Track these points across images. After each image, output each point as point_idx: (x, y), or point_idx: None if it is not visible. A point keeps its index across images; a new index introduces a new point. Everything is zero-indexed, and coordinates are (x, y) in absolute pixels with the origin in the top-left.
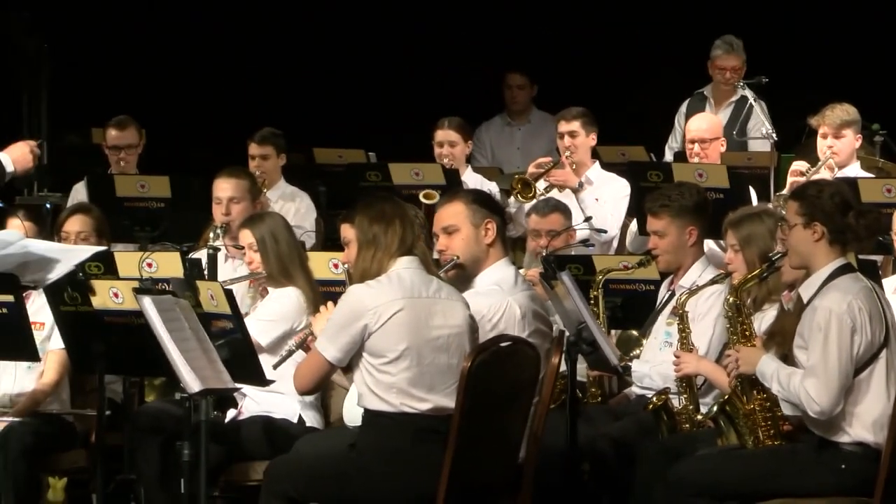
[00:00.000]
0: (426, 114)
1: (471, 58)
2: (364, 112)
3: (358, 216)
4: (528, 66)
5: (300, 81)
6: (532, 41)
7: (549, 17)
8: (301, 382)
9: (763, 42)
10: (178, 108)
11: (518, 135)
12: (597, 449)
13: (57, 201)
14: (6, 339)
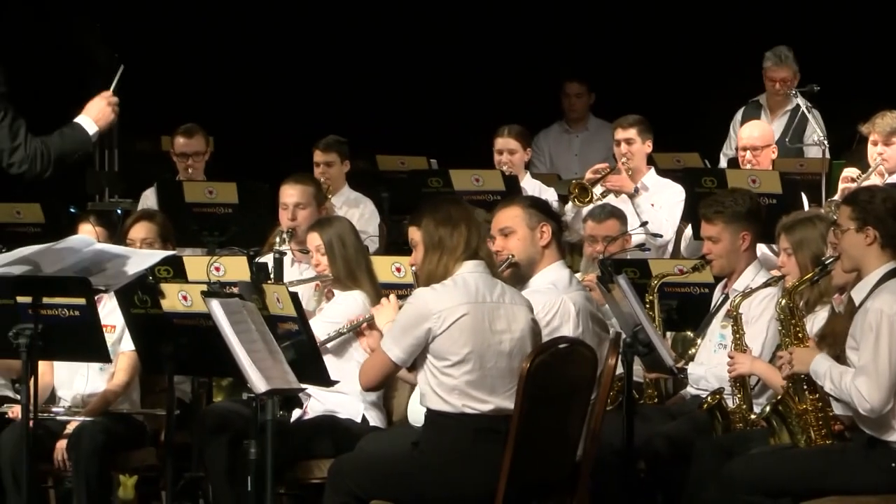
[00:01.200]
0: (487, 121)
1: (530, 66)
2: (426, 120)
3: (424, 219)
4: (585, 75)
5: (364, 90)
6: (590, 50)
7: (608, 26)
8: (366, 379)
9: (816, 51)
10: (245, 116)
11: (576, 142)
12: (652, 448)
13: (127, 207)
14: (79, 341)
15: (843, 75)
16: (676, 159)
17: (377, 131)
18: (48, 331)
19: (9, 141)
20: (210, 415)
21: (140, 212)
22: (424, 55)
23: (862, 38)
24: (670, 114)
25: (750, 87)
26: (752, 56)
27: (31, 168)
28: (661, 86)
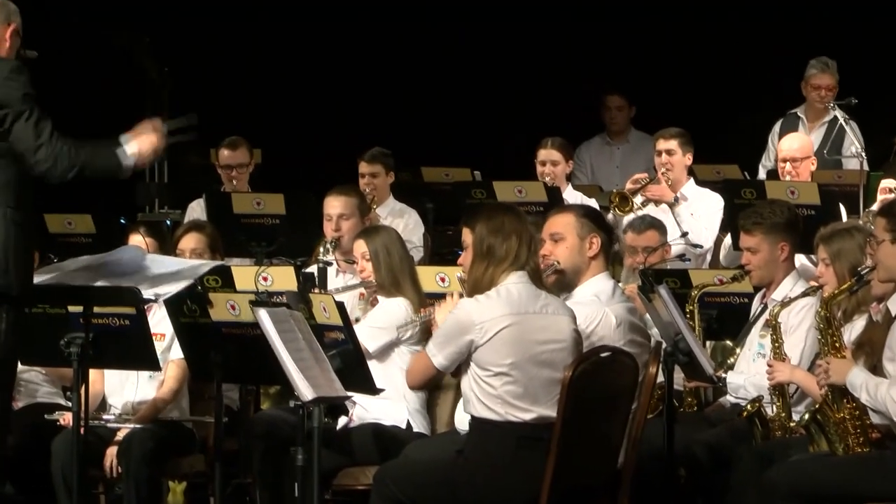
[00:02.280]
0: (530, 133)
1: (572, 79)
2: (470, 132)
3: (478, 225)
4: (626, 88)
5: (409, 103)
6: (632, 63)
7: (649, 40)
8: (411, 378)
9: (854, 64)
10: (292, 128)
11: (617, 154)
12: (692, 454)
13: (176, 218)
14: (129, 349)
15: (881, 88)
16: (716, 171)
17: (422, 143)
18: (99, 339)
19: (33, 139)
20: (258, 422)
21: (190, 223)
22: (469, 69)
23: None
24: (710, 126)
25: (788, 100)
26: (791, 69)
27: (53, 167)
28: (701, 99)
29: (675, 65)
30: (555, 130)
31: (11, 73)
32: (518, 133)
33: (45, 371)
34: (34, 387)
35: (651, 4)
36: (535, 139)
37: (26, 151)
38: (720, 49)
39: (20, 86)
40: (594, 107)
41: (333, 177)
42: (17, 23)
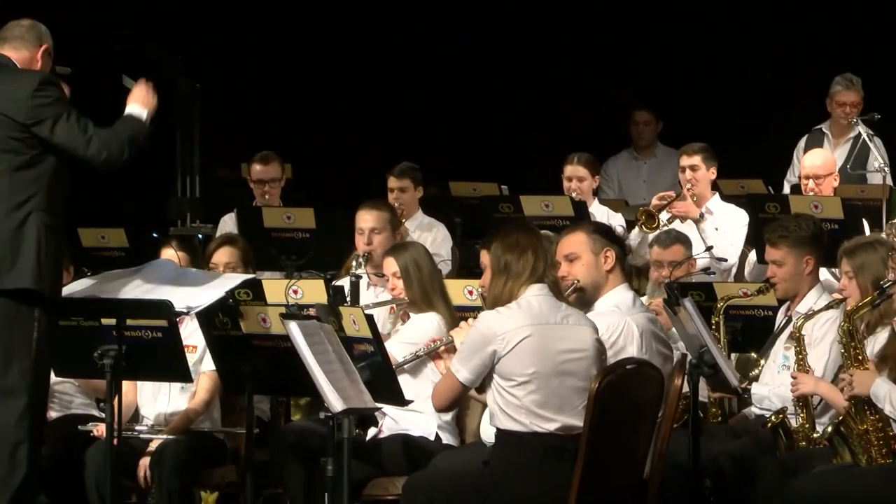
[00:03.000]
0: (556, 149)
1: (598, 95)
2: (497, 147)
3: (493, 244)
4: (654, 103)
5: (437, 119)
6: (658, 79)
7: (675, 55)
8: (438, 401)
9: (877, 80)
10: (322, 144)
11: (644, 168)
12: (717, 465)
13: (208, 232)
14: (161, 361)
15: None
16: (741, 185)
17: (450, 158)
18: (132, 352)
19: (81, 135)
20: (288, 433)
21: (223, 236)
22: (496, 86)
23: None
24: (735, 141)
25: (813, 116)
26: (815, 85)
27: (110, 153)
28: (726, 114)
29: (701, 80)
30: (581, 146)
31: (40, 85)
32: (545, 148)
33: (79, 383)
34: (68, 398)
35: (677, 20)
36: (562, 154)
37: (79, 147)
38: (746, 65)
39: (51, 94)
40: (621, 121)
41: (363, 191)
42: (48, 44)
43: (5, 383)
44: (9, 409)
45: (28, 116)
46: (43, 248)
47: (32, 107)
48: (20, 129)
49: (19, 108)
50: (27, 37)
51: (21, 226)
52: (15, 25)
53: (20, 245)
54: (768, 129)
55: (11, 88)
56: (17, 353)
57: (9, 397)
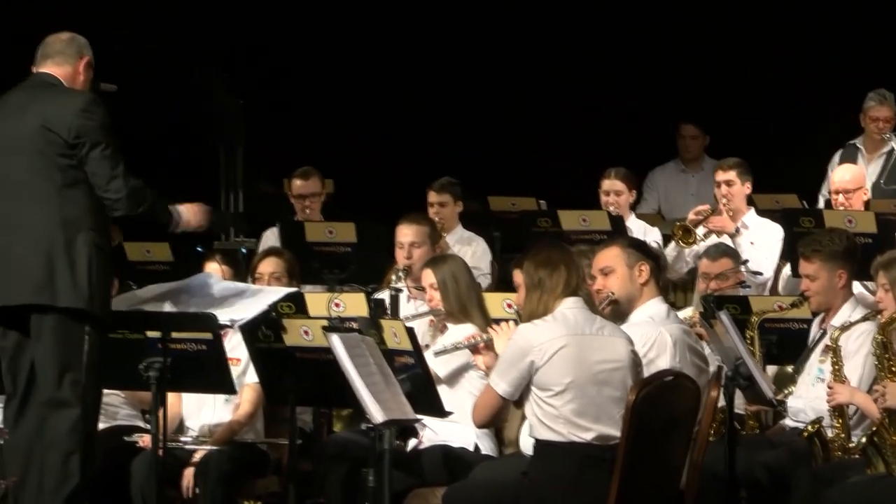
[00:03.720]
0: (594, 164)
1: (634, 112)
2: (536, 162)
3: (526, 262)
4: (699, 118)
5: (477, 134)
6: (698, 94)
7: (712, 71)
8: (478, 416)
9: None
10: (364, 159)
11: (692, 181)
12: (753, 476)
13: (251, 246)
14: (206, 373)
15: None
16: (775, 200)
17: (489, 173)
18: (176, 364)
19: (108, 170)
20: (330, 444)
21: (268, 248)
22: (535, 102)
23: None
24: (770, 156)
25: (847, 131)
26: (849, 101)
27: (124, 200)
28: (761, 129)
29: (737, 96)
30: (618, 160)
31: (88, 105)
32: (582, 163)
33: (125, 394)
34: (114, 409)
35: (712, 36)
36: (599, 169)
37: (101, 181)
38: (781, 82)
39: (97, 117)
40: (659, 135)
41: (403, 206)
42: (89, 56)
43: (59, 395)
44: (62, 420)
45: (72, 134)
46: (94, 268)
47: (78, 125)
48: (66, 147)
49: (65, 126)
50: (67, 51)
51: (72, 244)
52: (54, 40)
53: (72, 264)
54: (803, 145)
55: (60, 107)
56: (70, 366)
57: (62, 408)
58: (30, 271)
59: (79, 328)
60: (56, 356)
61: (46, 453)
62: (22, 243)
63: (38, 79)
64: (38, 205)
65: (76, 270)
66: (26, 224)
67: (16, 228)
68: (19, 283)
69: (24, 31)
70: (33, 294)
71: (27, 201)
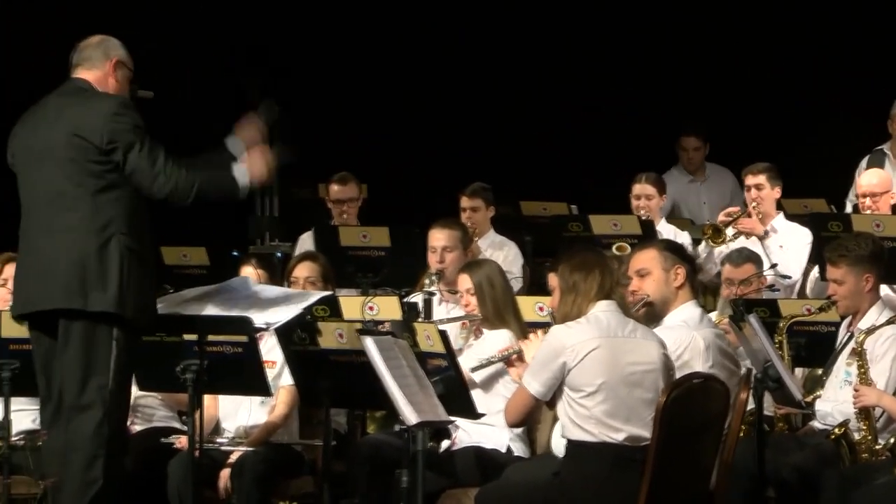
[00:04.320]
0: (624, 169)
1: (665, 117)
2: (567, 168)
3: (561, 265)
4: (702, 125)
5: (508, 140)
6: (736, 97)
7: (739, 77)
8: (510, 416)
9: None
10: (397, 165)
11: (702, 189)
12: (781, 477)
13: (286, 250)
14: (241, 376)
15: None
16: (804, 205)
17: (521, 178)
18: (213, 366)
19: (149, 168)
20: (364, 445)
21: (303, 253)
22: (566, 108)
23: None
24: (799, 162)
25: (874, 137)
26: (877, 107)
27: (174, 192)
28: (790, 134)
29: (768, 103)
30: (648, 165)
31: (119, 108)
32: (613, 168)
33: (162, 396)
34: (151, 411)
35: (742, 41)
36: (630, 174)
37: (144, 181)
38: (811, 89)
39: (128, 120)
40: (668, 140)
41: (436, 210)
42: (119, 56)
43: (82, 400)
44: (85, 424)
45: (105, 140)
46: (125, 272)
47: (109, 130)
48: (99, 152)
49: (97, 132)
50: (96, 54)
51: (104, 249)
52: (84, 46)
53: (104, 268)
54: (831, 150)
55: (90, 112)
56: (95, 371)
57: (85, 412)
58: (61, 276)
59: (107, 333)
60: (81, 361)
61: (71, 456)
62: (55, 249)
63: (71, 84)
64: (71, 211)
65: (107, 275)
66: (59, 230)
67: (49, 234)
68: (51, 288)
69: (73, 33)
70: (64, 299)
71: (60, 208)
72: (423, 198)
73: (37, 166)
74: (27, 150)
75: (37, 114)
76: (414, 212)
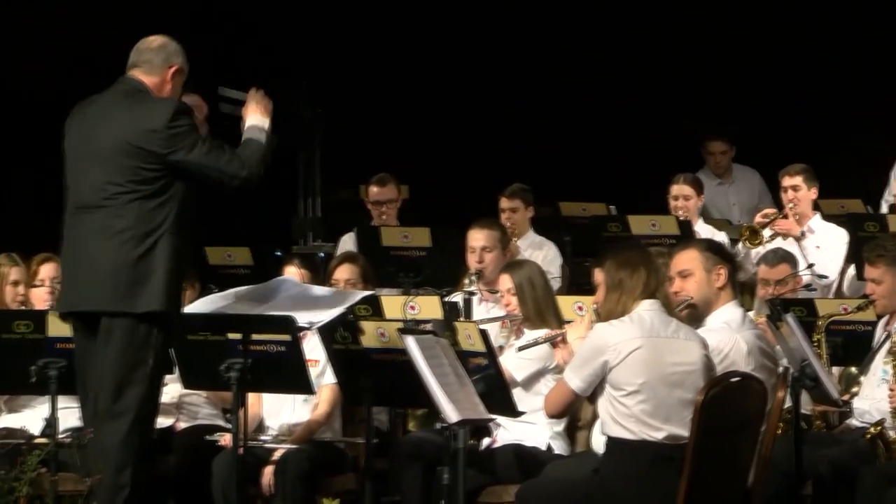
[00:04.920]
0: (662, 170)
1: (705, 118)
2: (606, 168)
3: (607, 262)
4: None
5: (548, 141)
6: (772, 98)
7: (786, 76)
8: (549, 407)
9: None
10: (437, 166)
11: (730, 192)
12: (817, 471)
13: (329, 250)
14: (285, 374)
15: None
16: (840, 205)
17: (560, 179)
18: (257, 365)
19: (215, 162)
20: (406, 443)
21: (343, 254)
22: (605, 110)
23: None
24: (836, 162)
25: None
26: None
27: (248, 175)
28: (827, 135)
29: (805, 104)
30: (686, 166)
31: (173, 115)
32: (651, 169)
33: (207, 394)
34: (196, 409)
35: (777, 43)
36: (668, 175)
37: (214, 175)
38: (847, 91)
39: (185, 123)
40: (692, 143)
41: (476, 211)
42: (178, 63)
43: (115, 407)
44: (116, 431)
45: (164, 147)
46: (172, 271)
47: (168, 137)
48: (154, 159)
49: (153, 140)
50: (155, 60)
51: (151, 251)
52: (145, 48)
53: (150, 270)
54: (868, 150)
55: (145, 120)
56: (131, 378)
57: (117, 420)
58: (110, 279)
59: (146, 336)
60: (119, 364)
61: (101, 463)
62: (104, 252)
63: (128, 85)
64: (121, 216)
65: (155, 275)
66: (108, 234)
67: (98, 238)
68: (99, 290)
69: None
70: (112, 301)
71: (109, 212)
72: (464, 198)
73: (88, 167)
74: (79, 150)
75: (91, 112)
76: (454, 212)
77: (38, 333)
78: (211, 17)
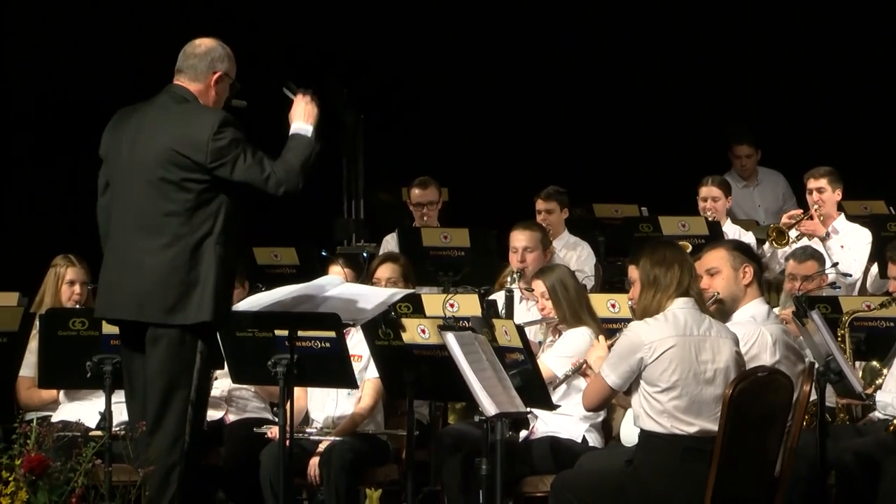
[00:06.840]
0: (692, 172)
1: (732, 121)
2: (638, 171)
3: (642, 259)
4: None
5: (583, 145)
6: (798, 102)
7: (812, 80)
8: (587, 401)
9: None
10: (476, 168)
11: (755, 194)
12: (842, 461)
13: (372, 251)
14: (329, 369)
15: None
16: (864, 206)
17: (594, 182)
18: (302, 360)
19: (259, 174)
20: (446, 435)
21: (385, 254)
22: (637, 115)
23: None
24: (860, 164)
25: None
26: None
27: (287, 187)
28: (850, 137)
29: (830, 108)
30: (715, 168)
31: (220, 126)
32: (682, 171)
33: (255, 388)
34: (244, 402)
35: (807, 48)
36: (697, 177)
37: (259, 186)
38: (871, 94)
39: (229, 135)
40: (720, 146)
41: (513, 213)
42: (222, 69)
43: (164, 413)
44: (165, 437)
45: (209, 159)
46: (220, 280)
47: (213, 149)
48: (200, 169)
49: (199, 150)
50: (199, 66)
51: (199, 261)
52: (190, 52)
53: (198, 280)
54: (891, 153)
55: (191, 130)
56: (180, 383)
57: (165, 426)
58: (154, 288)
59: (193, 344)
60: (167, 371)
61: (154, 457)
62: (150, 262)
63: (173, 92)
64: (167, 226)
65: (202, 285)
66: (155, 244)
67: (145, 248)
68: (143, 300)
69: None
70: (156, 312)
71: (156, 222)
72: (501, 201)
73: (130, 179)
74: (121, 161)
75: (134, 121)
76: (492, 214)
77: (93, 330)
78: (265, 26)
